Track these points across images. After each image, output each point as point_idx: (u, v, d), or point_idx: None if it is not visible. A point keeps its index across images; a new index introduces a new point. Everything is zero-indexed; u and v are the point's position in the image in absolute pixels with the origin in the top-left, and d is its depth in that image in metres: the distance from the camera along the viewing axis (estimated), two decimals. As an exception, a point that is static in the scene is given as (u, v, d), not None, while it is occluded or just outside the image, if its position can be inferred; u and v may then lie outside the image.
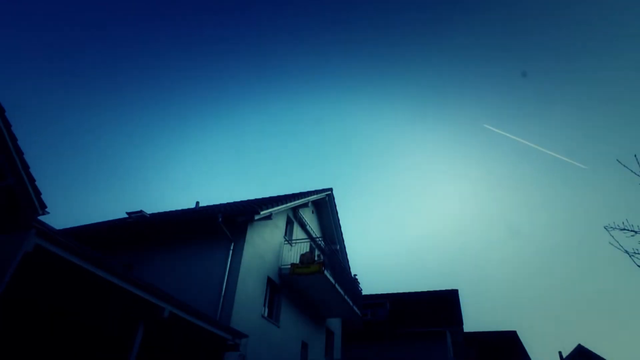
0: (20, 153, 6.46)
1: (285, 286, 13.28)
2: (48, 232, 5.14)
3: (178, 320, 7.96)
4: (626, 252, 5.02)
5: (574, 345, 38.19)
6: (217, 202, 17.47)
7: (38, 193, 6.75)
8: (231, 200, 16.83)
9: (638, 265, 4.97)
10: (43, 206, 6.82)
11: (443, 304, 24.60)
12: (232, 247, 10.98)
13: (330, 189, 17.65)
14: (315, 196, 16.34)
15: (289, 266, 12.90)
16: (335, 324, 18.23)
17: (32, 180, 6.67)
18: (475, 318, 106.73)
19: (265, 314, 11.98)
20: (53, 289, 7.23)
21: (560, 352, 40.16)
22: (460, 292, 26.99)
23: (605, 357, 37.04)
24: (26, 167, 6.57)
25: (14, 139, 6.43)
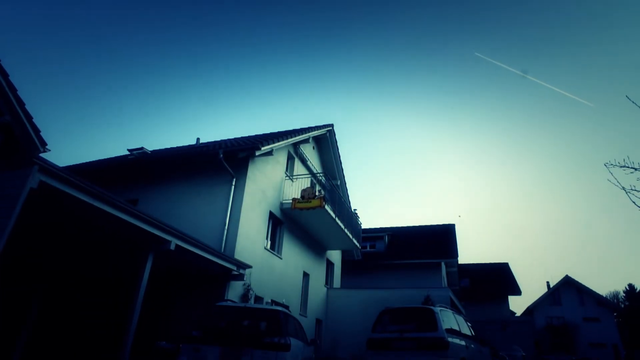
0: (13, 89, 6.31)
1: (286, 220, 13.67)
2: (52, 168, 5.16)
3: (184, 253, 8.29)
4: (623, 188, 5.06)
5: (562, 276, 40.23)
6: (218, 139, 17.42)
7: (37, 130, 6.70)
8: (232, 137, 16.75)
9: (633, 202, 5.04)
10: (43, 143, 6.80)
11: (440, 238, 25.43)
12: (233, 183, 11.14)
13: (331, 125, 17.48)
14: (316, 132, 16.23)
15: (291, 201, 13.17)
16: (335, 255, 19.05)
17: (29, 117, 6.58)
18: (471, 252, 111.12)
19: (268, 246, 12.47)
20: (60, 225, 7.47)
21: (547, 282, 42.43)
22: (457, 227, 27.80)
23: (589, 287, 39.19)
24: (21, 103, 6.45)
25: (5, 74, 6.24)
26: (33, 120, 6.70)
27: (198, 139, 17.15)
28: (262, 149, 11.29)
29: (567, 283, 39.66)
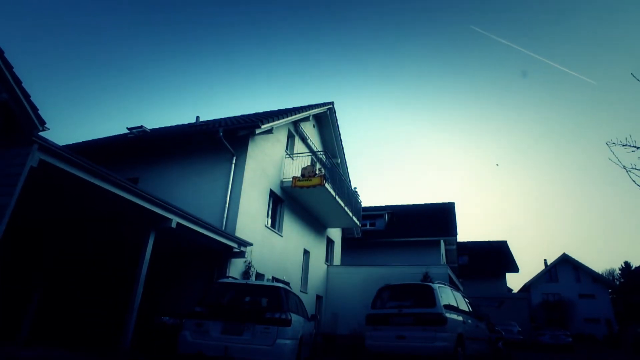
0: (9, 67, 6.22)
1: (287, 198, 13.73)
2: (51, 147, 5.15)
3: (186, 231, 8.36)
4: (623, 167, 5.05)
5: (560, 254, 40.70)
6: (218, 117, 17.30)
7: (35, 109, 6.64)
8: (232, 115, 16.62)
9: (633, 180, 5.04)
10: (42, 122, 6.76)
11: (439, 216, 25.56)
12: (234, 161, 11.13)
13: (332, 103, 17.31)
14: (316, 110, 16.10)
15: (291, 179, 13.19)
16: (335, 233, 19.21)
17: (26, 95, 6.52)
18: (471, 230, 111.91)
19: (269, 224, 12.56)
20: (61, 204, 7.50)
21: (545, 260, 42.94)
22: (457, 206, 27.88)
23: (586, 264, 39.70)
24: (18, 81, 6.37)
25: (0, 52, 6.14)
26: (30, 98, 6.64)
27: (198, 117, 17.04)
28: (262, 127, 11.22)
29: (565, 261, 40.15)
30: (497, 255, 38.45)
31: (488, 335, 10.23)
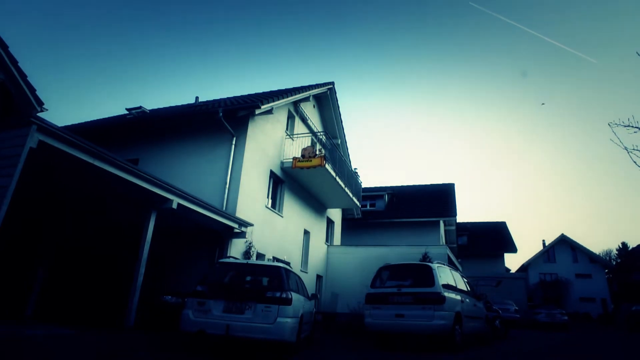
0: (4, 46, 6.11)
1: (287, 179, 13.74)
2: (50, 128, 5.12)
3: (187, 211, 8.40)
4: (625, 148, 5.04)
5: (558, 235, 41.04)
6: (217, 98, 17.14)
7: (32, 89, 6.57)
8: (232, 95, 16.47)
9: (634, 161, 5.03)
10: (40, 103, 6.70)
11: (439, 197, 25.63)
12: (234, 142, 11.09)
13: (332, 83, 17.13)
14: (316, 90, 15.94)
15: (291, 160, 13.17)
16: (335, 214, 19.31)
17: (23, 75, 6.43)
18: (470, 211, 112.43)
19: (269, 205, 12.61)
20: (61, 185, 7.51)
21: (543, 241, 43.33)
22: (457, 187, 27.92)
23: (584, 245, 40.07)
24: (14, 61, 6.28)
25: (-5, 29, 6.03)
26: (27, 78, 6.56)
27: (197, 98, 16.88)
28: (262, 107, 11.13)
29: (563, 241, 40.51)
30: (496, 236, 38.77)
31: (485, 314, 10.41)
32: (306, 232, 15.41)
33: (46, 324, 7.44)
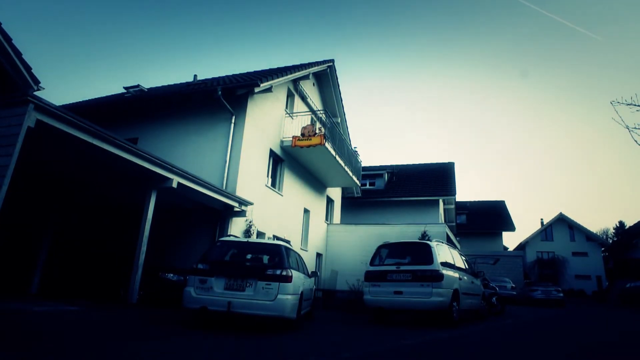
0: (-2, 22, 6.00)
1: (287, 158, 13.72)
2: (48, 107, 5.08)
3: (187, 190, 8.42)
4: (627, 127, 5.02)
5: (557, 214, 41.29)
6: (216, 76, 16.92)
7: (28, 67, 6.47)
8: (230, 74, 16.25)
9: (635, 140, 5.02)
10: (36, 81, 6.61)
11: (438, 176, 25.63)
12: (233, 120, 11.03)
13: (332, 61, 16.88)
14: (315, 68, 15.72)
15: (291, 139, 13.11)
16: (335, 192, 19.37)
17: (18, 53, 6.33)
18: (470, 189, 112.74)
19: (269, 184, 12.64)
20: (59, 164, 7.50)
21: (541, 219, 43.58)
22: (457, 166, 27.90)
23: (582, 224, 40.36)
24: (8, 38, 6.17)
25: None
26: (22, 56, 6.45)
27: (195, 76, 16.68)
28: (261, 85, 11.01)
29: (560, 220, 40.80)
30: (495, 215, 39.02)
31: (482, 291, 10.58)
32: (306, 211, 15.50)
33: (52, 300, 7.57)
